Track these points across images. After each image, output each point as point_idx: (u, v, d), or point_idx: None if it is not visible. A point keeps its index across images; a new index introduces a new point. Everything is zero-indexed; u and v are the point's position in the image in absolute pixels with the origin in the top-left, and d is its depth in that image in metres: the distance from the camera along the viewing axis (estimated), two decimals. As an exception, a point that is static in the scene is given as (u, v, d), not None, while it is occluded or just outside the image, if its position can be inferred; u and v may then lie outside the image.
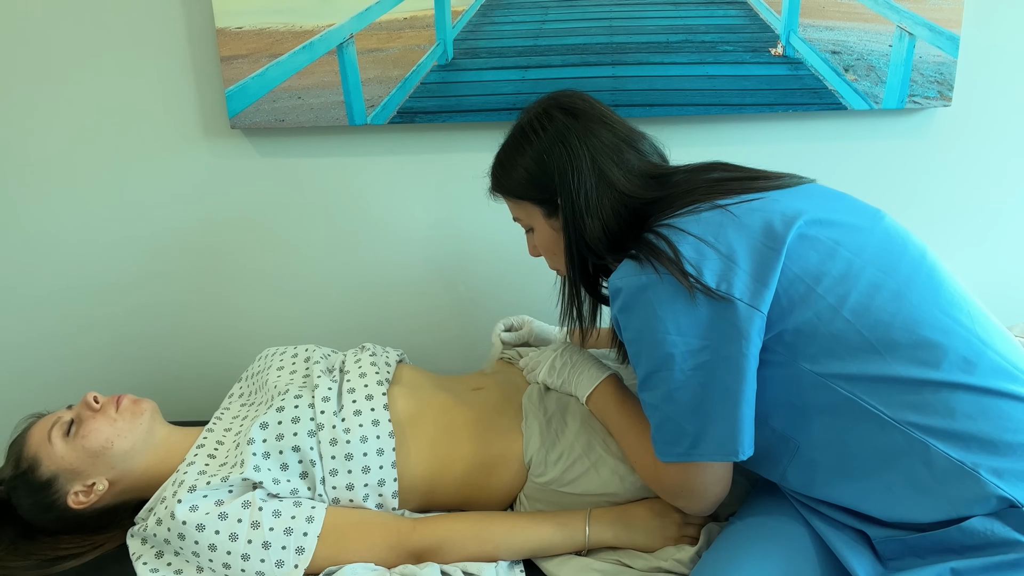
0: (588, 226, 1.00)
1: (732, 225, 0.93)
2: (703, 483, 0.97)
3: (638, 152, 1.03)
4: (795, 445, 0.94)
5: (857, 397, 0.88)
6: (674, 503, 1.04)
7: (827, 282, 0.90)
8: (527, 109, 1.08)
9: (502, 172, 1.09)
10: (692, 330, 0.89)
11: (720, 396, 0.90)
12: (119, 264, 1.58)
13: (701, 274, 0.89)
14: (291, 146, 1.53)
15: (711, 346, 0.89)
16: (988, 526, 0.83)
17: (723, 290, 0.88)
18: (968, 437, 0.84)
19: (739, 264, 0.90)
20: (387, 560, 1.08)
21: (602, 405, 1.14)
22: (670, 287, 0.89)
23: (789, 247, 0.90)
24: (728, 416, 0.90)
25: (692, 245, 0.91)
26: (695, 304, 0.89)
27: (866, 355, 0.88)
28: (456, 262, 1.62)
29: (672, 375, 0.90)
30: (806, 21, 1.44)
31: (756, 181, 1.01)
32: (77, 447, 1.11)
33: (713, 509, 1.04)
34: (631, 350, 0.96)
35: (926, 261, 0.95)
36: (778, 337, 0.90)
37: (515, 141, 1.07)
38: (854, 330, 0.88)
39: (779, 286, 0.89)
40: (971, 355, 0.87)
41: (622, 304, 0.94)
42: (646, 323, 0.92)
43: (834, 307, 0.89)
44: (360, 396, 1.17)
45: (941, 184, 1.59)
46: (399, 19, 1.42)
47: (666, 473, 0.99)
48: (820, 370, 0.89)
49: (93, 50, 1.45)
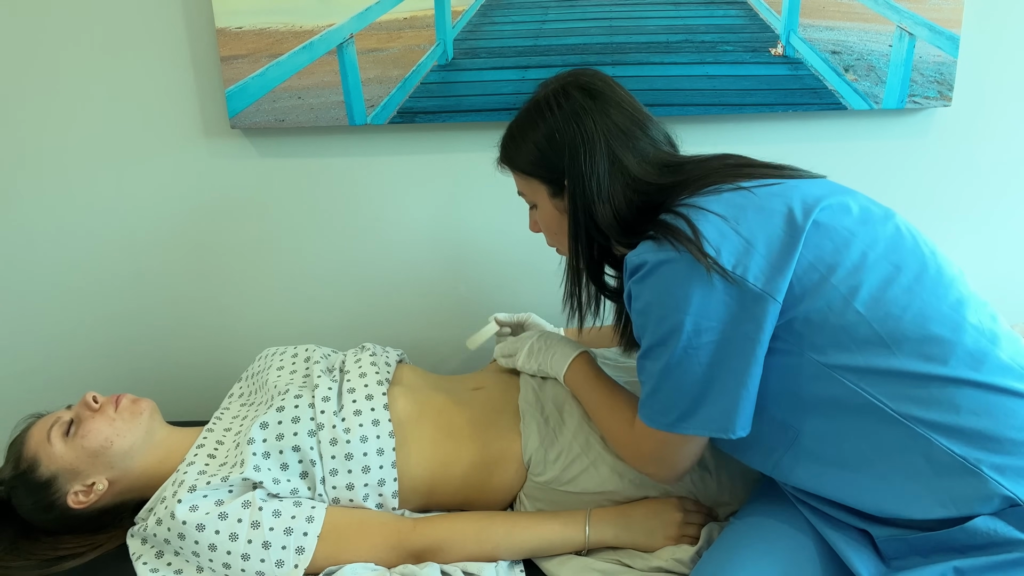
0: (599, 211, 0.99)
1: (753, 208, 0.93)
2: (679, 454, 0.98)
3: (651, 139, 1.02)
4: (794, 434, 0.94)
5: (862, 390, 0.87)
6: (643, 469, 1.05)
7: (841, 272, 0.90)
8: (545, 83, 1.06)
9: (512, 144, 1.07)
10: (703, 310, 0.89)
11: (723, 376, 0.90)
12: (119, 263, 1.58)
13: (719, 255, 0.88)
14: (291, 146, 1.53)
15: (720, 327, 0.89)
16: (991, 526, 0.82)
17: (739, 273, 0.88)
18: (972, 433, 0.84)
19: (757, 248, 0.89)
20: (387, 560, 1.08)
21: (576, 380, 1.16)
22: (687, 265, 0.89)
23: (807, 235, 0.90)
24: (727, 395, 0.90)
25: (714, 224, 0.91)
26: (710, 284, 0.88)
27: (874, 348, 0.87)
28: (456, 262, 1.62)
29: (675, 349, 0.90)
30: (806, 21, 1.44)
31: (771, 170, 1.01)
32: (76, 447, 1.11)
33: (678, 480, 1.05)
34: (638, 321, 0.95)
35: (936, 259, 0.95)
36: (788, 325, 0.90)
37: (529, 115, 1.05)
38: (864, 322, 0.88)
39: (794, 274, 0.89)
40: (978, 352, 0.87)
41: (637, 276, 0.93)
42: (658, 297, 0.91)
43: (846, 298, 0.89)
44: (360, 396, 1.17)
45: (941, 184, 1.59)
46: (399, 19, 1.42)
47: (644, 439, 0.99)
48: (827, 361, 0.89)
49: (93, 50, 1.45)
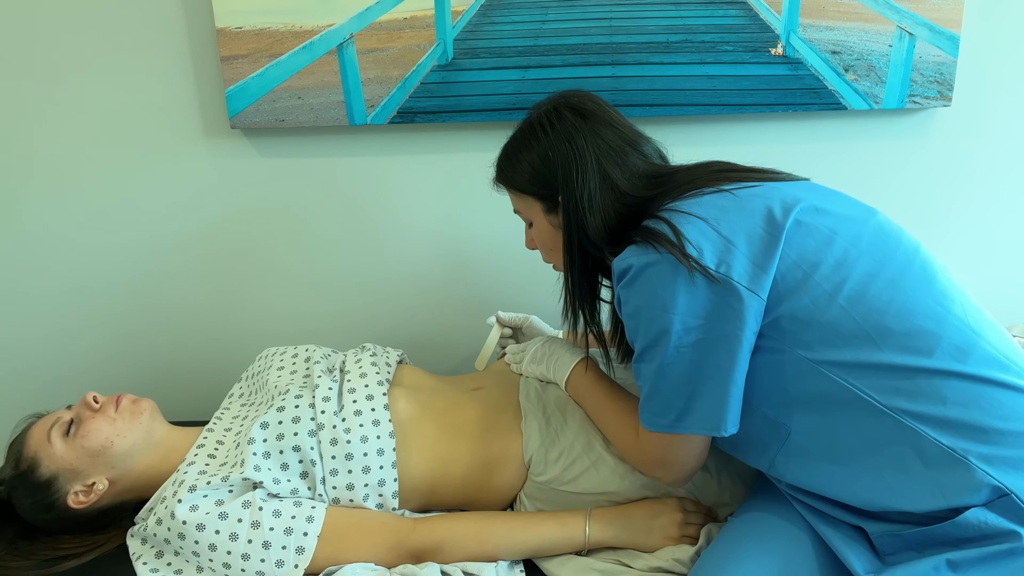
0: (590, 223, 1.02)
1: (734, 208, 0.96)
2: (683, 455, 1.00)
3: (641, 154, 1.06)
4: (786, 432, 0.95)
5: (850, 384, 0.89)
6: (651, 473, 1.07)
7: (824, 269, 0.92)
8: (538, 105, 1.10)
9: (507, 164, 1.11)
10: (689, 309, 0.91)
11: (711, 374, 0.92)
12: (119, 264, 1.58)
13: (702, 255, 0.91)
14: (291, 146, 1.53)
15: (706, 325, 0.91)
16: (982, 518, 0.83)
17: (722, 272, 0.90)
18: (959, 424, 0.85)
19: (738, 247, 0.92)
20: (387, 560, 1.08)
21: (579, 387, 1.18)
22: (670, 266, 0.91)
23: (788, 233, 0.92)
24: (716, 393, 0.92)
25: (695, 226, 0.93)
26: (694, 284, 0.90)
27: (860, 343, 0.89)
28: (456, 262, 1.62)
29: (667, 350, 0.92)
30: (806, 21, 1.44)
31: (753, 173, 1.05)
32: (77, 447, 1.11)
33: (687, 481, 1.07)
34: (629, 325, 0.98)
35: (919, 254, 0.96)
36: (774, 323, 0.91)
37: (523, 136, 1.09)
38: (849, 318, 0.90)
39: (777, 272, 0.91)
40: (963, 344, 0.88)
41: (624, 281, 0.96)
42: (645, 300, 0.94)
43: (830, 294, 0.90)
44: (360, 396, 1.17)
45: (941, 184, 1.59)
46: (399, 19, 1.42)
47: (648, 443, 1.02)
48: (814, 357, 0.90)
49: (93, 51, 1.45)
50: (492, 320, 1.40)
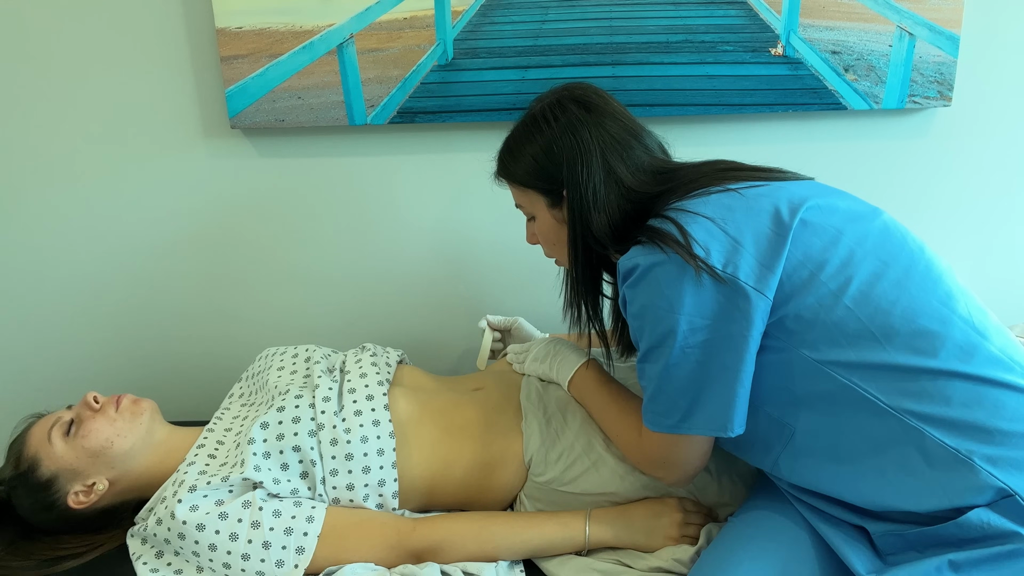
0: (595, 219, 1.01)
1: (741, 208, 0.95)
2: (687, 455, 1.00)
3: (644, 147, 1.05)
4: (790, 432, 0.95)
5: (854, 384, 0.88)
6: (653, 474, 1.07)
7: (830, 269, 0.91)
8: (540, 98, 1.09)
9: (509, 158, 1.09)
10: (696, 309, 0.90)
11: (717, 374, 0.91)
12: (119, 264, 1.58)
13: (709, 255, 0.90)
14: (291, 146, 1.53)
15: (713, 325, 0.90)
16: (985, 518, 0.83)
17: (729, 272, 0.90)
18: (963, 425, 0.85)
19: (745, 247, 0.91)
20: (387, 560, 1.08)
21: (583, 388, 1.17)
22: (676, 266, 0.90)
23: (794, 232, 0.92)
24: (723, 394, 0.91)
25: (703, 226, 0.93)
26: (701, 284, 0.90)
27: (865, 343, 0.89)
28: (456, 262, 1.62)
29: (672, 351, 0.92)
30: (806, 21, 1.44)
31: (759, 172, 1.04)
32: (77, 447, 1.11)
33: (689, 482, 1.07)
34: (634, 325, 0.97)
35: (924, 254, 0.96)
36: (779, 323, 0.91)
37: (525, 128, 1.07)
38: (854, 317, 0.89)
39: (783, 272, 0.90)
40: (968, 345, 0.88)
41: (630, 281, 0.95)
42: (651, 300, 0.93)
43: (835, 294, 0.90)
44: (361, 396, 1.17)
45: (941, 184, 1.59)
46: (399, 19, 1.42)
47: (651, 443, 1.01)
48: (819, 357, 0.90)
49: (93, 50, 1.45)
50: (483, 324, 1.40)
